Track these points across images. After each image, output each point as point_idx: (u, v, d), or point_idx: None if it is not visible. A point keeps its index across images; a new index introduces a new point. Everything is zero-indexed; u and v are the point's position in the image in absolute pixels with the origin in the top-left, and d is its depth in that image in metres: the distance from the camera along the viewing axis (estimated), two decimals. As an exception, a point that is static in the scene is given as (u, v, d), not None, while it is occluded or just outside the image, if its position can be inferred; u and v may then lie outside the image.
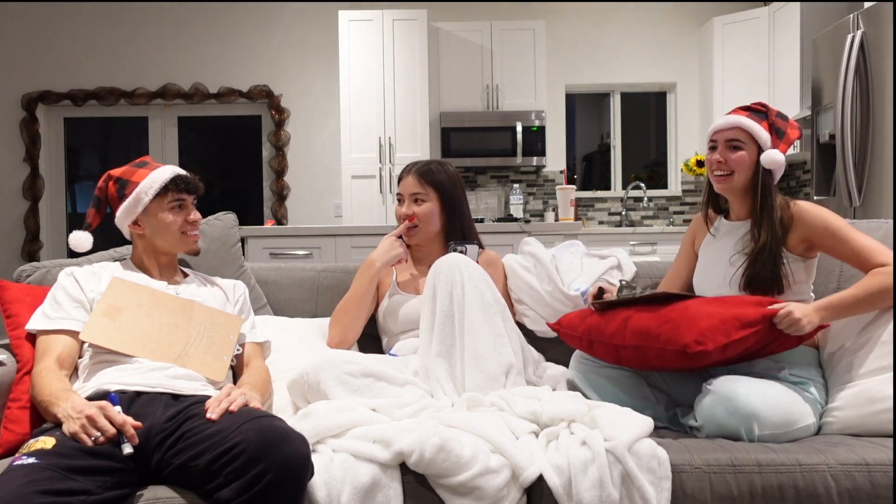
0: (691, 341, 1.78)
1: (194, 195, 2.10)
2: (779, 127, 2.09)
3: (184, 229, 2.06)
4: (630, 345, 1.89)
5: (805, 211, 2.04)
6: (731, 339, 1.80)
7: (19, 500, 1.35)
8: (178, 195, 2.05)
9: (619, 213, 6.71)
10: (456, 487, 1.59)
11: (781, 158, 2.05)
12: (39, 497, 1.37)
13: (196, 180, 2.11)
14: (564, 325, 2.12)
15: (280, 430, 1.53)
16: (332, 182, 6.52)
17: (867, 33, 3.92)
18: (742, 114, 2.10)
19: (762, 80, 5.97)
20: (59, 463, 1.46)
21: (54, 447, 1.51)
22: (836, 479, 1.63)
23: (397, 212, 2.42)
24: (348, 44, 5.91)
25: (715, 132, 2.12)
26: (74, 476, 1.45)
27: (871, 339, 1.92)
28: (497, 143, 6.15)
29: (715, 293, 2.11)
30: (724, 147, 2.09)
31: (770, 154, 2.05)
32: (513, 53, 6.17)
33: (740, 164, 2.06)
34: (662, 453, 1.65)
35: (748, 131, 2.07)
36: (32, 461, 1.45)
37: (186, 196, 2.07)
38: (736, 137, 2.08)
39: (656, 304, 1.95)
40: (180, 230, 2.06)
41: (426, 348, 2.04)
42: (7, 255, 6.47)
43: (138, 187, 2.03)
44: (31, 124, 6.49)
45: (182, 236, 2.07)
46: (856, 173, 4.00)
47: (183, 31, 6.57)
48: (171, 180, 2.04)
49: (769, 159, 2.05)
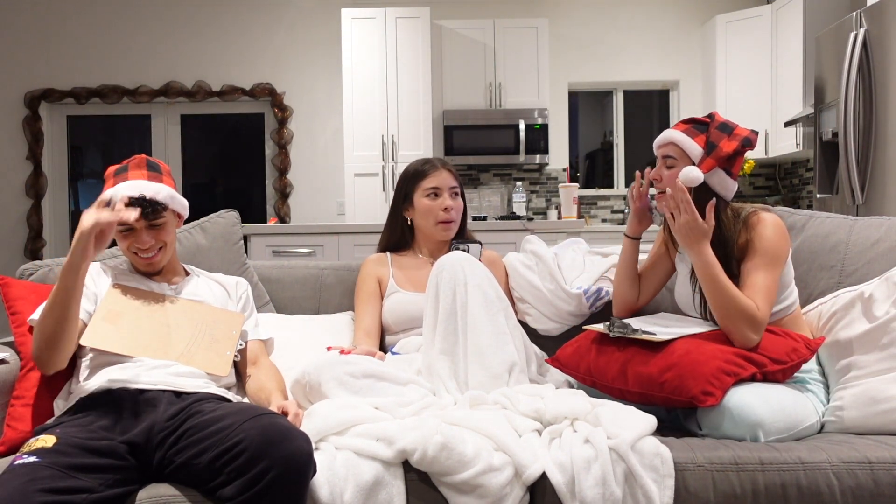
0: (699, 392, 1.74)
1: (148, 220, 1.93)
2: (712, 141, 1.96)
3: (134, 250, 1.97)
4: (634, 391, 1.86)
5: (763, 226, 1.94)
6: (739, 377, 1.79)
7: (22, 498, 1.35)
8: (121, 226, 1.93)
9: (621, 211, 6.71)
10: (459, 485, 1.59)
11: (696, 175, 1.93)
12: (42, 495, 1.37)
13: (151, 199, 1.92)
14: (564, 363, 2.06)
15: (282, 427, 1.53)
16: (335, 180, 6.53)
17: (870, 31, 3.91)
18: (679, 127, 2.01)
19: (765, 78, 5.96)
20: (61, 461, 1.46)
21: (55, 445, 1.51)
22: (838, 478, 1.62)
23: (438, 205, 2.38)
24: (351, 42, 5.91)
25: (656, 148, 2.05)
26: (76, 474, 1.45)
27: (872, 339, 1.92)
28: (500, 140, 6.15)
29: (692, 313, 2.10)
30: (661, 163, 2.02)
31: (685, 171, 1.93)
32: (516, 51, 6.17)
33: (671, 181, 1.97)
34: (665, 451, 1.65)
35: (680, 147, 1.99)
36: (34, 460, 1.45)
37: (133, 223, 1.91)
38: (668, 154, 2.01)
39: (650, 345, 1.89)
40: (130, 250, 1.97)
41: (429, 346, 2.04)
42: (10, 252, 6.48)
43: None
44: (35, 122, 6.50)
45: (134, 256, 1.99)
46: (858, 171, 3.99)
47: (186, 29, 6.58)
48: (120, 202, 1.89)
49: (684, 177, 1.93)
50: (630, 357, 1.89)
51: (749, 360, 1.82)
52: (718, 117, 2.02)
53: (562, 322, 2.40)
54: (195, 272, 2.18)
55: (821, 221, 2.32)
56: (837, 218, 2.33)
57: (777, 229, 1.95)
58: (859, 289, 2.03)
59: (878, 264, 2.15)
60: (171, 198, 1.99)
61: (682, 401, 1.77)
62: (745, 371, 1.80)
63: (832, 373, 2.00)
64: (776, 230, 1.95)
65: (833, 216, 2.34)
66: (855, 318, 1.98)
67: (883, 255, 2.16)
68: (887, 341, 1.89)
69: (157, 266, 2.00)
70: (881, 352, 1.89)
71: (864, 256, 2.19)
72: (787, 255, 1.97)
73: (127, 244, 1.96)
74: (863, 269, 2.17)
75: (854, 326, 1.97)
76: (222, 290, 2.15)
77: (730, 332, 1.88)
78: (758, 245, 1.93)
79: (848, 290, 2.07)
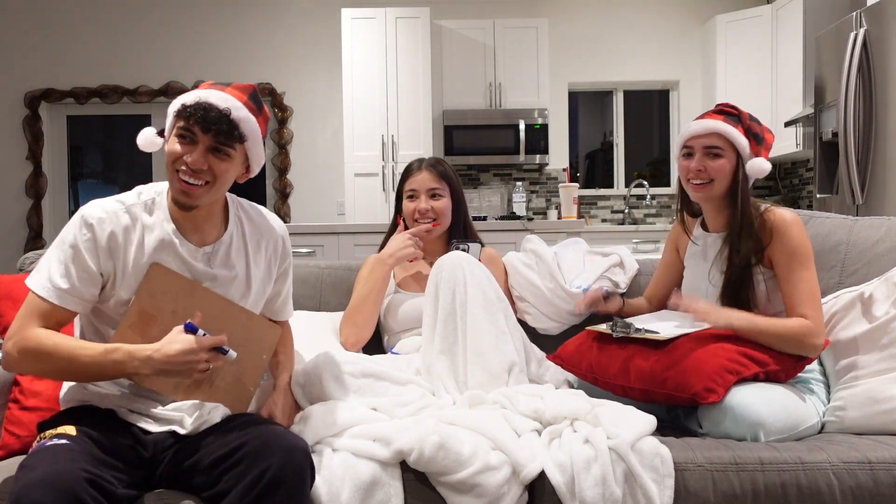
0: (701, 389, 1.75)
1: (214, 135, 1.61)
2: (756, 132, 2.01)
3: (178, 166, 1.61)
4: (637, 387, 1.87)
5: (788, 227, 1.95)
6: (742, 376, 1.79)
7: (69, 475, 1.33)
8: (184, 125, 1.62)
9: (621, 211, 6.71)
10: (456, 485, 1.59)
11: (768, 167, 2.00)
12: (84, 473, 1.35)
13: (234, 119, 1.62)
14: (565, 360, 2.07)
15: (278, 431, 1.53)
16: (335, 180, 6.52)
17: (870, 31, 3.91)
18: (717, 118, 2.01)
19: (765, 78, 5.96)
20: (89, 449, 1.45)
21: (78, 435, 1.48)
22: (838, 478, 1.62)
23: (413, 208, 2.37)
24: (351, 42, 5.91)
25: (691, 138, 2.03)
26: (100, 466, 1.43)
27: (872, 340, 1.92)
28: (500, 140, 6.14)
29: None
30: (703, 154, 2.00)
31: (758, 163, 1.98)
32: (516, 51, 6.16)
33: (721, 172, 1.99)
34: (665, 451, 1.65)
35: (727, 137, 1.99)
36: (65, 442, 1.43)
37: (198, 131, 1.61)
38: (715, 144, 2.00)
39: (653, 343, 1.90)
40: (173, 165, 1.62)
41: (428, 346, 2.04)
42: (10, 252, 6.48)
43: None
44: (34, 122, 6.50)
45: (173, 175, 1.63)
46: (858, 171, 3.99)
47: (186, 29, 6.57)
48: (186, 105, 1.62)
49: (758, 169, 1.98)
50: (632, 354, 1.89)
51: (752, 360, 1.82)
52: (741, 109, 2.05)
53: (561, 321, 2.40)
54: (237, 225, 1.80)
55: (821, 222, 2.32)
56: (838, 218, 2.33)
57: (801, 226, 1.97)
58: (859, 289, 2.03)
59: (878, 264, 2.15)
60: (255, 139, 1.69)
61: (684, 397, 1.78)
62: (748, 370, 1.80)
63: (832, 373, 2.00)
64: (800, 227, 1.96)
65: (833, 216, 2.34)
66: (855, 318, 1.98)
67: (883, 256, 2.16)
68: (887, 341, 1.89)
69: (194, 201, 1.63)
70: (881, 352, 1.89)
71: (865, 257, 2.19)
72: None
73: (177, 155, 1.61)
74: (863, 270, 2.17)
75: (854, 327, 1.97)
76: (263, 259, 1.83)
77: (797, 353, 1.88)
78: (790, 247, 1.94)
79: (848, 290, 2.07)
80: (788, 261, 1.93)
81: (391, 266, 2.30)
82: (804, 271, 1.93)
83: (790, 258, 1.93)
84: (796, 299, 1.91)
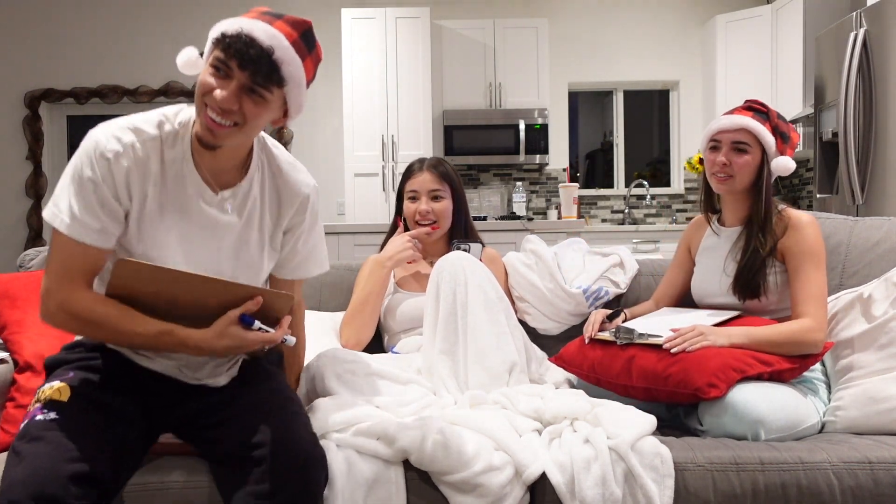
0: (703, 384, 1.75)
1: (251, 74, 1.45)
2: (783, 130, 2.05)
3: (206, 100, 1.47)
4: (639, 386, 1.87)
5: (805, 226, 1.99)
6: (746, 374, 1.79)
7: (50, 476, 1.31)
8: (220, 56, 1.46)
9: (621, 211, 6.71)
10: (458, 484, 1.59)
11: (793, 165, 2.03)
12: (68, 469, 1.33)
13: (276, 60, 1.45)
14: (567, 361, 2.08)
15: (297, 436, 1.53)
16: (335, 180, 6.52)
17: (870, 31, 3.91)
18: (746, 114, 2.05)
19: (765, 78, 5.96)
20: (77, 426, 1.41)
21: (70, 399, 1.45)
22: (838, 478, 1.62)
23: (414, 209, 2.37)
24: (351, 42, 5.91)
25: (719, 132, 2.07)
26: (88, 447, 1.38)
27: (871, 340, 1.92)
28: (500, 140, 6.15)
29: (711, 301, 2.12)
30: (729, 149, 2.04)
31: (783, 162, 2.02)
32: (516, 51, 6.17)
33: (745, 168, 2.03)
34: (665, 451, 1.65)
35: (754, 134, 2.03)
36: (53, 418, 1.40)
37: (234, 66, 1.45)
38: (742, 140, 2.03)
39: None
40: (203, 98, 1.48)
41: (429, 346, 2.04)
42: (10, 252, 6.48)
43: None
44: (34, 122, 6.50)
45: (202, 108, 1.48)
46: (858, 171, 3.99)
47: (186, 29, 6.57)
48: (226, 34, 1.46)
49: (783, 167, 2.03)
50: (634, 353, 1.91)
51: (758, 360, 1.83)
52: (770, 106, 2.08)
53: (561, 321, 2.40)
54: (258, 170, 1.66)
55: (822, 222, 2.32)
56: (838, 219, 2.33)
57: (817, 228, 2.01)
58: (859, 290, 2.04)
59: (878, 265, 2.16)
60: (298, 85, 1.52)
61: (686, 393, 1.78)
62: (753, 369, 1.80)
63: (833, 373, 2.00)
64: (817, 229, 2.00)
65: (834, 217, 2.35)
66: (855, 318, 1.99)
67: (883, 257, 2.17)
68: (886, 341, 1.89)
69: (218, 141, 1.49)
70: (880, 352, 1.89)
71: (865, 258, 2.20)
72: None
73: (208, 88, 1.46)
74: (864, 271, 2.18)
75: (854, 327, 1.98)
76: (279, 217, 1.72)
77: (801, 353, 1.89)
78: (804, 248, 1.97)
79: (848, 291, 2.08)
80: (801, 258, 1.97)
81: (390, 268, 2.30)
82: (815, 271, 1.96)
83: (803, 257, 1.96)
84: (802, 296, 1.94)
